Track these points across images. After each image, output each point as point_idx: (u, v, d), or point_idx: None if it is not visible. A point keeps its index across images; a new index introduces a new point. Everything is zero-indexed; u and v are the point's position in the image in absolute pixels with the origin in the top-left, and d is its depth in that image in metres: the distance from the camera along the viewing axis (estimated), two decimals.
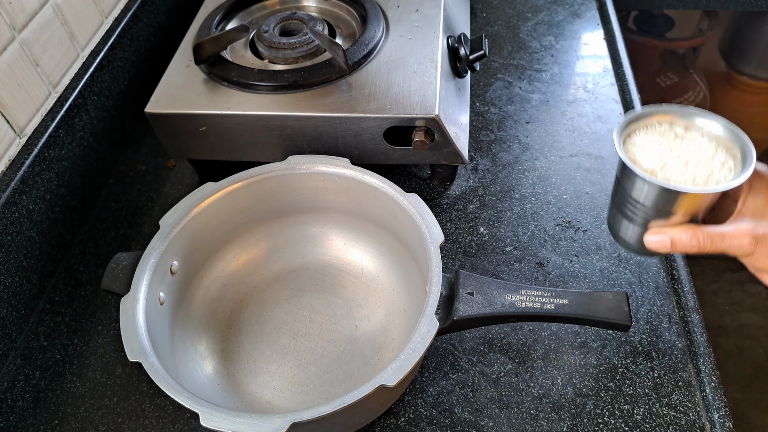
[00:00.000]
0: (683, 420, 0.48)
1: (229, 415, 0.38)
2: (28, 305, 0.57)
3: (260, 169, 0.53)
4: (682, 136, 0.42)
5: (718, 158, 0.41)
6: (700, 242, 0.39)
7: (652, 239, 0.42)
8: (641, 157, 0.41)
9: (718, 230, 0.39)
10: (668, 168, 0.40)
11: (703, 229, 0.40)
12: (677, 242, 0.40)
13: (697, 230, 0.40)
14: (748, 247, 0.38)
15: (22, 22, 0.57)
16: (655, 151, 0.41)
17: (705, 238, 0.39)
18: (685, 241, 0.40)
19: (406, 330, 0.51)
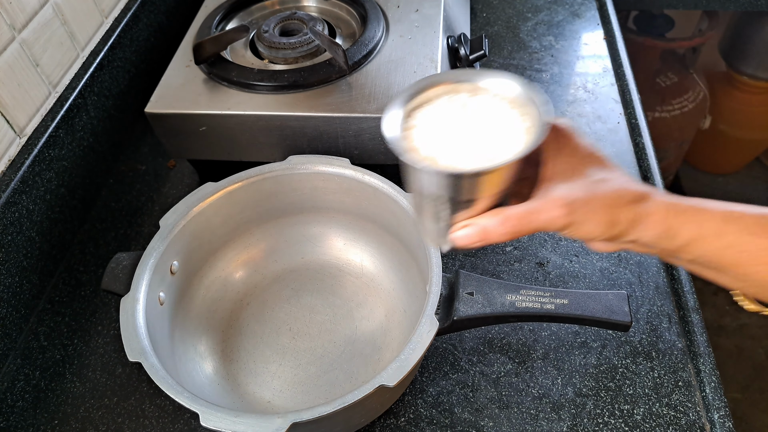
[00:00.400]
0: (683, 420, 0.48)
1: (229, 415, 0.38)
2: (28, 305, 0.57)
3: (260, 169, 0.53)
4: (468, 105, 0.36)
5: (511, 122, 0.35)
6: (512, 227, 0.34)
7: (459, 235, 0.36)
8: (422, 142, 0.34)
9: (528, 208, 0.34)
10: (456, 147, 0.34)
11: (512, 210, 0.34)
12: (488, 232, 0.35)
13: (506, 214, 0.34)
14: (563, 218, 0.34)
15: (22, 22, 0.57)
16: (439, 129, 0.35)
17: (516, 222, 0.34)
18: (494, 228, 0.35)
19: (406, 330, 0.51)
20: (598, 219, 0.34)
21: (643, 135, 0.69)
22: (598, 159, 0.36)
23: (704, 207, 0.34)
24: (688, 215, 0.34)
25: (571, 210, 0.34)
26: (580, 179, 0.34)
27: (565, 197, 0.34)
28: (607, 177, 0.35)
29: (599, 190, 0.34)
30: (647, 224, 0.34)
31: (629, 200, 0.34)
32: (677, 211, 0.34)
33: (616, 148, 0.69)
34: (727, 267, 0.34)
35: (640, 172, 0.66)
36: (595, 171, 0.35)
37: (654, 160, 0.67)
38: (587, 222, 0.34)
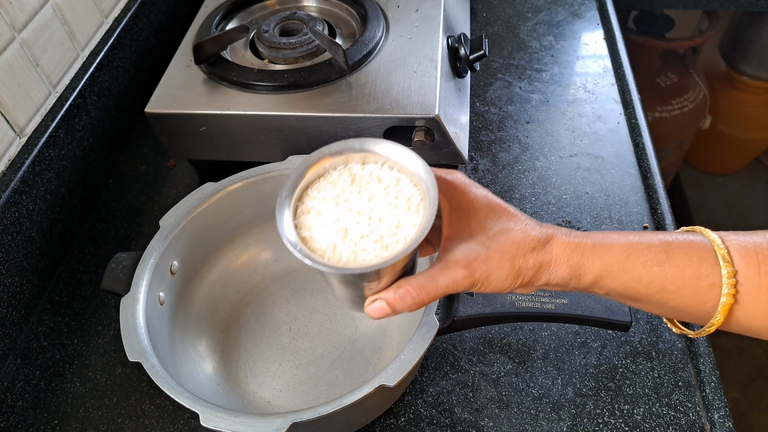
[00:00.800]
0: (683, 420, 0.48)
1: (229, 415, 0.38)
2: (28, 305, 0.57)
3: (260, 169, 0.53)
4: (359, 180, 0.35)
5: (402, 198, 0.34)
6: (414, 299, 0.34)
7: (372, 309, 0.35)
8: (317, 233, 0.34)
9: (428, 277, 0.34)
10: (351, 233, 0.34)
11: (412, 282, 0.34)
12: (394, 305, 0.35)
13: (407, 286, 0.34)
14: (466, 280, 0.34)
15: (22, 22, 0.57)
16: (332, 214, 0.34)
17: (418, 292, 0.34)
18: (399, 302, 0.34)
19: (406, 330, 0.51)
20: (502, 272, 0.34)
21: (643, 135, 0.69)
22: (496, 209, 0.36)
23: (607, 243, 0.35)
24: (593, 254, 0.34)
25: (471, 271, 0.34)
26: (479, 235, 0.35)
27: (463, 259, 0.34)
28: (506, 227, 0.35)
29: (499, 244, 0.34)
30: (554, 267, 0.35)
31: (531, 248, 0.34)
32: (581, 252, 0.34)
33: (616, 148, 0.69)
34: (639, 297, 0.35)
35: (640, 172, 0.67)
36: (495, 223, 0.35)
37: (654, 160, 0.67)
38: (492, 277, 0.34)
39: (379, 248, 0.33)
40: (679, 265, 0.33)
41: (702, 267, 0.33)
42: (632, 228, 0.61)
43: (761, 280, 0.32)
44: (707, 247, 0.34)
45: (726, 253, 0.33)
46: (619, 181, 0.66)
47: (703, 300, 0.33)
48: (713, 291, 0.33)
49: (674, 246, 0.34)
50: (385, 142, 0.35)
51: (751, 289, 0.32)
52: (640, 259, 0.34)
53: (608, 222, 0.62)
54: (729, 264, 0.33)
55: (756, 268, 0.32)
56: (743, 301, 0.33)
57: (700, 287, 0.33)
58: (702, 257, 0.33)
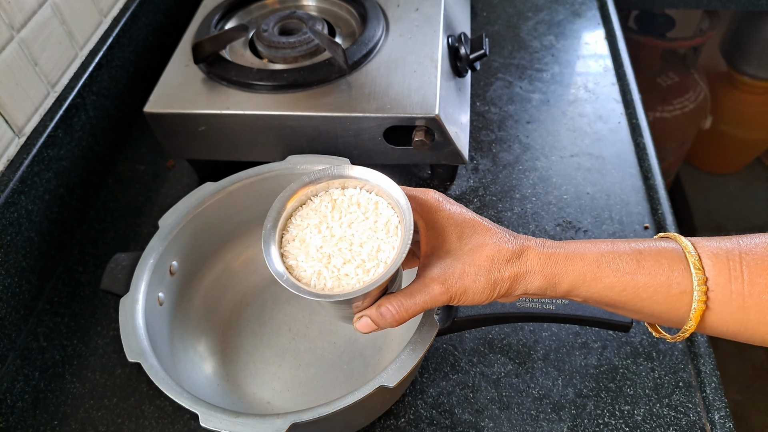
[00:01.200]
0: (684, 421, 0.48)
1: (229, 416, 0.38)
2: (28, 306, 0.57)
3: (259, 169, 0.53)
4: (339, 205, 0.38)
5: (381, 222, 0.37)
6: (394, 316, 0.36)
7: (359, 325, 0.37)
8: (302, 261, 0.36)
9: (407, 294, 0.36)
10: (334, 260, 0.36)
11: (392, 300, 0.36)
12: (377, 321, 0.37)
13: (387, 305, 0.36)
14: (443, 295, 0.36)
15: (21, 21, 0.57)
16: (315, 242, 0.37)
17: (398, 310, 0.36)
18: (380, 319, 0.36)
19: (406, 331, 0.51)
20: (478, 286, 0.35)
21: (644, 135, 0.69)
22: (471, 224, 0.37)
23: (580, 253, 0.36)
24: (566, 264, 0.35)
25: (447, 287, 0.35)
26: (454, 251, 0.36)
27: (440, 276, 0.36)
28: (481, 242, 0.36)
29: (473, 259, 0.36)
30: (529, 278, 0.36)
31: (505, 260, 0.36)
32: (554, 262, 0.36)
33: (617, 148, 0.69)
34: (615, 304, 0.36)
35: (641, 173, 0.66)
36: (470, 238, 0.36)
37: (655, 160, 0.67)
38: (468, 291, 0.36)
39: (362, 273, 0.36)
40: (651, 273, 0.34)
41: (672, 274, 0.34)
42: (633, 228, 0.61)
43: (732, 286, 0.33)
44: (679, 254, 0.34)
45: (697, 260, 0.33)
46: (620, 182, 0.66)
47: (675, 307, 0.34)
48: (685, 298, 0.34)
49: (645, 254, 0.35)
50: (361, 168, 0.38)
51: (722, 296, 0.33)
52: (611, 268, 0.35)
53: (609, 222, 0.62)
54: (700, 271, 0.33)
55: (727, 274, 0.33)
56: (715, 308, 0.33)
57: (671, 294, 0.34)
58: (673, 265, 0.34)
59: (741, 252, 0.33)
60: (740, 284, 0.32)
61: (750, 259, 0.33)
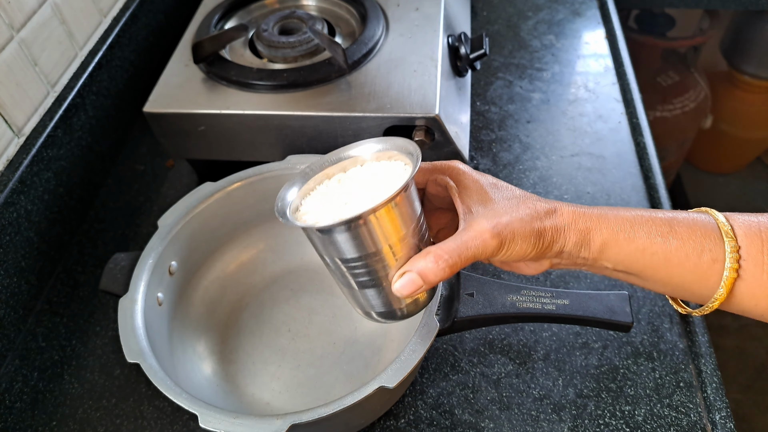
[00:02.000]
0: (684, 421, 0.48)
1: (228, 417, 0.38)
2: (27, 306, 0.57)
3: (259, 168, 0.53)
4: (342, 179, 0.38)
5: (390, 171, 0.36)
6: (447, 261, 0.33)
7: (401, 283, 0.34)
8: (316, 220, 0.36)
9: (458, 241, 0.34)
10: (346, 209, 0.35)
11: (443, 246, 0.34)
12: (427, 273, 0.34)
13: (437, 252, 0.34)
14: (494, 242, 0.34)
15: (21, 21, 0.57)
16: (326, 209, 0.36)
17: (451, 255, 0.34)
18: (432, 267, 0.34)
19: (406, 331, 0.51)
20: (526, 235, 0.35)
21: (645, 134, 0.69)
22: (500, 186, 0.37)
23: (613, 213, 0.36)
24: (599, 221, 0.35)
25: (498, 231, 0.34)
26: (494, 203, 0.36)
27: (488, 222, 0.35)
28: (516, 199, 0.36)
29: (516, 209, 0.35)
30: (565, 233, 0.35)
31: (545, 213, 0.36)
32: (587, 218, 0.35)
33: (617, 147, 0.69)
34: (644, 271, 0.36)
35: (641, 172, 0.66)
36: (504, 197, 0.36)
37: (655, 159, 0.67)
38: (517, 237, 0.35)
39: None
40: (683, 237, 0.34)
41: (705, 241, 0.34)
42: None
43: (764, 257, 0.33)
44: (711, 224, 0.34)
45: (730, 230, 0.33)
46: (620, 181, 0.65)
47: (706, 276, 0.34)
48: (715, 266, 0.34)
49: (679, 220, 0.35)
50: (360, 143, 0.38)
51: (754, 266, 0.33)
52: (644, 230, 0.35)
53: None
54: (732, 239, 0.33)
55: (759, 245, 0.33)
56: (746, 278, 0.33)
57: (702, 261, 0.34)
58: (705, 233, 0.34)
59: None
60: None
61: None
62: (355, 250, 0.34)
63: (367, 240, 0.33)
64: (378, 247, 0.34)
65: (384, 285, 0.36)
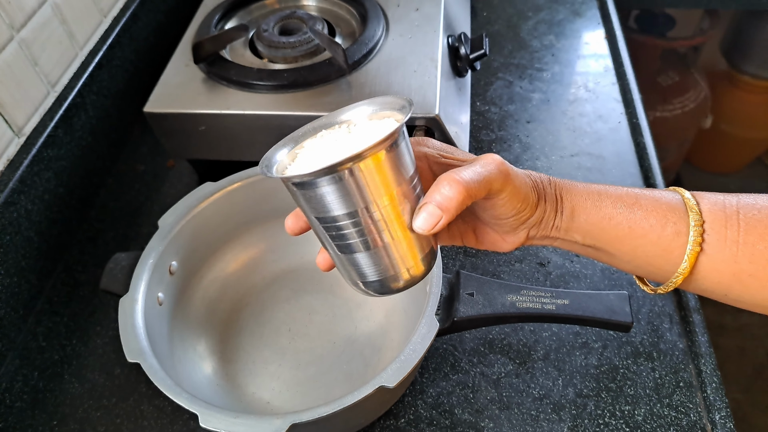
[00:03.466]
0: (684, 421, 0.48)
1: (228, 416, 0.38)
2: (27, 305, 0.57)
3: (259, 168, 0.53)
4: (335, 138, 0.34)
5: (383, 123, 0.33)
6: (464, 185, 0.31)
7: (422, 220, 0.31)
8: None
9: (470, 167, 0.32)
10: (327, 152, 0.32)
11: (458, 173, 0.31)
12: (446, 203, 0.31)
13: (452, 175, 0.31)
14: (501, 171, 0.33)
15: (21, 21, 0.57)
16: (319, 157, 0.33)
17: (468, 180, 0.31)
18: (449, 193, 0.31)
19: (406, 331, 0.51)
20: (522, 179, 0.35)
21: (645, 134, 0.69)
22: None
23: (583, 184, 0.37)
24: (569, 189, 0.36)
25: (505, 167, 0.34)
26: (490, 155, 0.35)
27: (491, 156, 0.34)
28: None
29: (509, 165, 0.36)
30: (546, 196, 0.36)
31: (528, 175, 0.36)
32: (559, 185, 0.36)
33: (617, 147, 0.69)
34: (610, 244, 0.36)
35: (641, 172, 0.66)
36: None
37: (655, 159, 0.67)
38: (517, 184, 0.34)
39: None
40: (647, 209, 0.35)
41: (669, 214, 0.35)
42: None
43: (727, 232, 0.33)
44: (677, 200, 0.35)
45: (695, 205, 0.34)
46: (620, 181, 0.65)
47: (669, 248, 0.35)
48: (679, 239, 0.34)
49: (645, 194, 0.36)
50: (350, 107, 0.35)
51: (717, 240, 0.34)
52: (610, 200, 0.36)
53: None
54: (697, 213, 0.34)
55: (723, 220, 0.34)
56: (709, 252, 0.34)
57: (666, 233, 0.35)
58: (671, 206, 0.35)
59: (739, 204, 0.34)
60: (735, 232, 0.33)
61: (747, 210, 0.33)
62: (341, 205, 0.30)
63: (354, 193, 0.30)
64: (367, 201, 0.30)
65: (379, 246, 0.32)
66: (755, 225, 0.33)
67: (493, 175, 0.33)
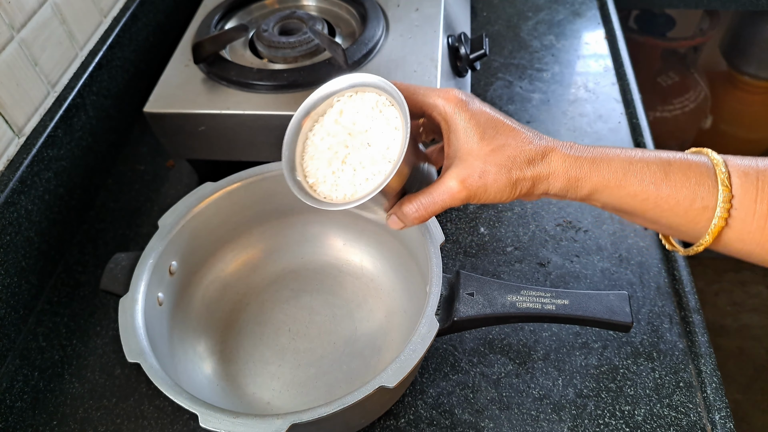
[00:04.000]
0: (684, 421, 0.48)
1: (229, 416, 0.38)
2: (27, 305, 0.57)
3: (259, 168, 0.53)
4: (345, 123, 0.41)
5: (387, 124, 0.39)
6: (414, 214, 0.39)
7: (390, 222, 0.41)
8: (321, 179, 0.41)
9: (427, 192, 0.38)
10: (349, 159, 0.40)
11: (413, 200, 0.39)
12: (402, 219, 0.40)
13: (408, 205, 0.39)
14: (460, 193, 0.37)
15: (21, 21, 0.57)
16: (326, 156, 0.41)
17: (418, 208, 0.38)
18: (405, 217, 0.39)
19: (406, 331, 0.51)
20: (499, 185, 0.36)
21: (645, 135, 0.69)
22: (494, 124, 0.37)
23: (607, 158, 0.36)
24: (591, 168, 0.36)
25: (466, 185, 0.37)
26: (476, 152, 0.37)
27: (459, 175, 0.37)
28: (503, 142, 0.37)
29: (495, 159, 0.36)
30: (552, 179, 0.36)
31: (527, 161, 0.36)
32: (579, 165, 0.36)
33: None
34: (635, 212, 0.36)
35: None
36: (492, 138, 0.37)
37: None
38: (490, 190, 0.36)
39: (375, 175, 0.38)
40: (676, 185, 0.34)
41: (698, 189, 0.34)
42: (633, 228, 0.61)
43: (756, 206, 0.33)
44: (708, 169, 0.34)
45: (726, 177, 0.34)
46: None
47: (695, 221, 0.35)
48: (706, 213, 0.34)
49: (674, 166, 0.35)
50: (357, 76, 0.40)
51: (744, 214, 0.33)
52: (637, 177, 0.35)
53: (609, 222, 0.62)
54: (727, 188, 0.33)
55: (754, 193, 0.33)
56: (734, 225, 0.33)
57: (693, 209, 0.34)
58: (700, 180, 0.34)
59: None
60: (766, 205, 0.33)
61: None
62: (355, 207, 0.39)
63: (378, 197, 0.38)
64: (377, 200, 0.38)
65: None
66: None
67: (448, 202, 0.38)
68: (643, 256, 0.58)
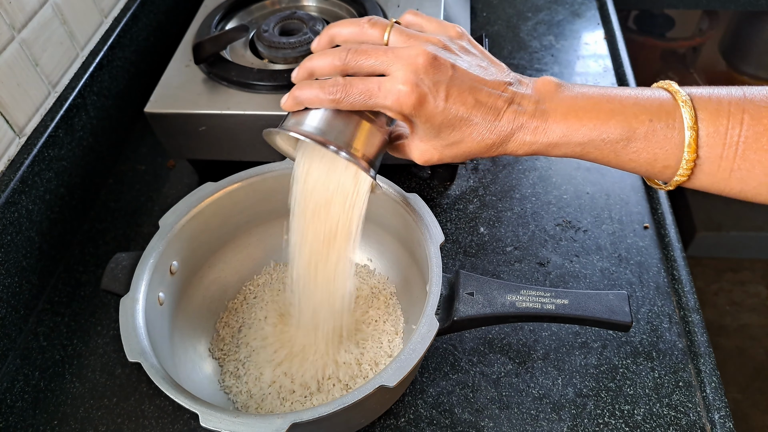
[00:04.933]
0: (684, 420, 0.48)
1: (229, 416, 0.38)
2: (28, 305, 0.57)
3: (260, 169, 0.53)
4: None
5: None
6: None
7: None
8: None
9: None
10: None
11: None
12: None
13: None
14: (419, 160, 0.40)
15: (22, 21, 0.57)
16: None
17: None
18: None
19: (407, 330, 0.51)
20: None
21: None
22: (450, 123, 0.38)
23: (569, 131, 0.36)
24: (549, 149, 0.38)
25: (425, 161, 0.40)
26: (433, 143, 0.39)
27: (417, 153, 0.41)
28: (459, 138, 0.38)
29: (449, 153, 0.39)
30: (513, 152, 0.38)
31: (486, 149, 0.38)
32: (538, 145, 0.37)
33: None
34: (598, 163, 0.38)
35: None
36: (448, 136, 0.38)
37: None
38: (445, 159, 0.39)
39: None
40: (638, 151, 0.36)
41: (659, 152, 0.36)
42: (632, 228, 0.61)
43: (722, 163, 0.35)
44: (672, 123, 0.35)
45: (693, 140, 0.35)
46: (619, 181, 0.66)
47: (658, 176, 0.37)
48: (666, 172, 0.36)
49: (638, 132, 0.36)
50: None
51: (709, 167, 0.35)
52: (598, 150, 0.37)
53: (609, 222, 0.62)
54: (692, 152, 0.35)
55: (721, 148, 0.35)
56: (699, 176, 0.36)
57: (654, 168, 0.36)
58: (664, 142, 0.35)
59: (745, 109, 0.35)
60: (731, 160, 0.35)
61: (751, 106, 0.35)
62: None
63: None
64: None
65: None
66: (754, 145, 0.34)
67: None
68: (643, 256, 0.59)
